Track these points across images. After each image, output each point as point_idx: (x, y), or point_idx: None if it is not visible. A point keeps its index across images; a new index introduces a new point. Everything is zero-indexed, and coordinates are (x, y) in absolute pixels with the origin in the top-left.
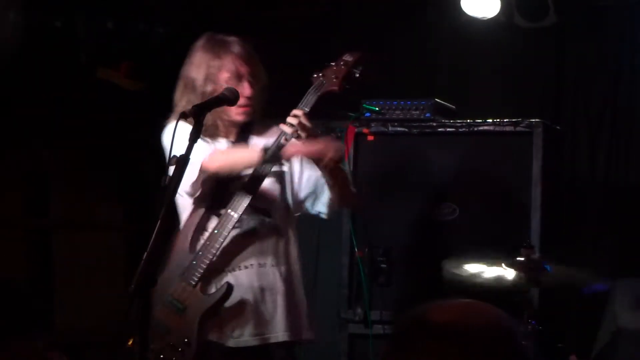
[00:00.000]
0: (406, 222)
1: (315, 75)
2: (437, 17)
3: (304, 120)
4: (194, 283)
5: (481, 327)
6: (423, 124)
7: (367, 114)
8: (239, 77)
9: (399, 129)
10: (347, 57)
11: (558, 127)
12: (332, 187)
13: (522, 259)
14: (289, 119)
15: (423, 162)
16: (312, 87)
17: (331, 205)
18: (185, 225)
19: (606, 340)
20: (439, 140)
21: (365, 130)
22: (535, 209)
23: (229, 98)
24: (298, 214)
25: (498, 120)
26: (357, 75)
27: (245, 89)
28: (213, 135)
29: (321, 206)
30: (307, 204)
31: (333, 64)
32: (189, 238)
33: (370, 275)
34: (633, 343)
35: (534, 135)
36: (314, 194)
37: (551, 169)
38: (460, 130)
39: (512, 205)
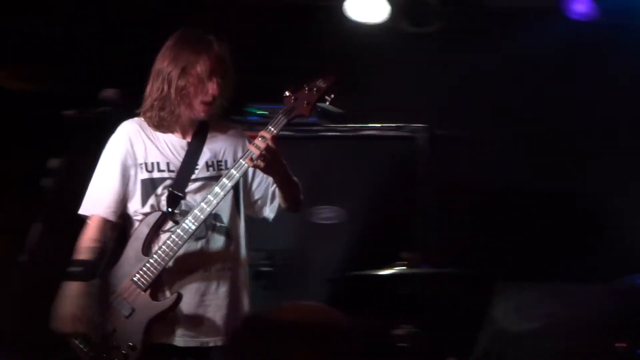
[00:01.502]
0: (291, 226)
1: (287, 96)
2: (327, 21)
3: (271, 144)
4: (144, 287)
5: (322, 326)
6: (309, 127)
7: (253, 118)
8: (210, 74)
9: (284, 132)
10: (321, 83)
11: (443, 132)
12: (283, 196)
13: (403, 261)
14: (257, 142)
15: (309, 165)
16: (283, 109)
17: (279, 211)
18: (139, 226)
19: (486, 343)
20: (324, 144)
21: (249, 134)
22: (419, 212)
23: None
24: (247, 215)
25: (382, 125)
26: (328, 101)
27: (213, 87)
28: (168, 129)
29: (269, 212)
30: (257, 207)
31: (306, 87)
32: (143, 240)
33: (253, 279)
34: (512, 346)
35: (417, 140)
36: (265, 198)
37: (436, 173)
38: (345, 134)
39: (396, 208)
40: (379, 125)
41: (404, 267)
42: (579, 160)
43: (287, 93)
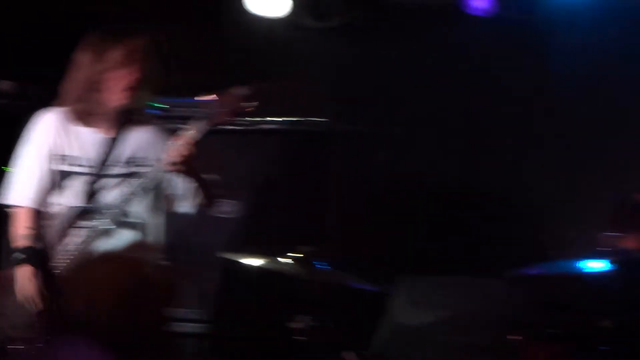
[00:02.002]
0: (189, 220)
1: (208, 101)
2: (228, 15)
3: (191, 149)
4: (57, 276)
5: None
6: None
7: (153, 111)
8: (128, 59)
9: (185, 126)
10: (243, 91)
11: (345, 126)
12: (199, 194)
13: (299, 255)
14: (177, 146)
15: (210, 159)
16: (204, 113)
17: (198, 207)
18: (54, 220)
19: (385, 337)
20: (227, 138)
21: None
22: (319, 206)
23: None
24: (165, 208)
25: (288, 119)
26: (250, 109)
27: (133, 72)
28: (90, 123)
29: (189, 207)
30: (176, 203)
31: (228, 93)
32: (57, 233)
33: None
34: (410, 339)
35: (324, 135)
36: (184, 195)
37: (340, 167)
38: (246, 128)
39: (297, 201)
40: (281, 119)
41: (300, 260)
42: (479, 156)
43: (210, 97)
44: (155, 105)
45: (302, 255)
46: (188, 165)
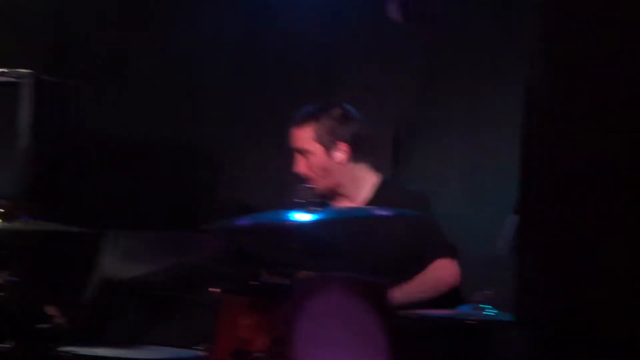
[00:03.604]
0: None
1: None
2: None
3: None
4: None
5: None
6: None
7: None
8: None
9: None
10: None
11: (53, 79)
12: None
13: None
14: None
15: None
16: None
17: None
18: None
19: (94, 292)
20: None
21: None
22: (27, 161)
23: None
24: None
25: None
26: None
27: None
28: None
29: None
30: None
31: None
32: None
33: None
34: (119, 293)
35: (21, 86)
36: None
37: (43, 121)
38: None
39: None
40: None
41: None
42: (187, 113)
43: None
44: None
45: (2, 209)
46: None
